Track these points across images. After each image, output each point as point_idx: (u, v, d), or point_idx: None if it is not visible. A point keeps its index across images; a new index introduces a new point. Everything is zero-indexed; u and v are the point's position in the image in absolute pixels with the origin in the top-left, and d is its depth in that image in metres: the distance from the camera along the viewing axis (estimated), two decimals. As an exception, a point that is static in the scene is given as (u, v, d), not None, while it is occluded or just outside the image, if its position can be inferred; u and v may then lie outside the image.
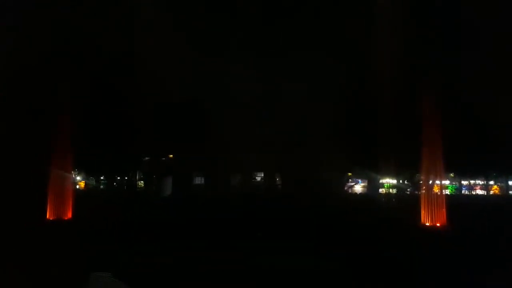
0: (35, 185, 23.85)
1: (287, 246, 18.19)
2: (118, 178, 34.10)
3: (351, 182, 38.82)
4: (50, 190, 22.97)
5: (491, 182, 42.60)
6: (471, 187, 42.95)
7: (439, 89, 32.53)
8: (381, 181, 38.42)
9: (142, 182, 33.81)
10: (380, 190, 38.46)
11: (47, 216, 22.69)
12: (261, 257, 16.18)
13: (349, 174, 37.15)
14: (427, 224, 23.05)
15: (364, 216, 26.01)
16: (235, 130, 28.68)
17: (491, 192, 42.12)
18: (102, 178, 33.62)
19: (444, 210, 24.45)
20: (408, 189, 36.99)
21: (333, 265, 14.45)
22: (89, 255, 14.93)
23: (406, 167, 33.07)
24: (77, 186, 31.94)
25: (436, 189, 30.69)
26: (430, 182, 35.39)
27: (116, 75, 31.24)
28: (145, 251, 17.40)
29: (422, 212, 24.25)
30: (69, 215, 23.32)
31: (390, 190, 38.74)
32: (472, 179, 41.99)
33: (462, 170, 36.83)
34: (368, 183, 37.46)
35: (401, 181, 37.90)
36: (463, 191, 42.16)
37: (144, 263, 14.80)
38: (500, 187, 41.48)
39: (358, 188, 39.84)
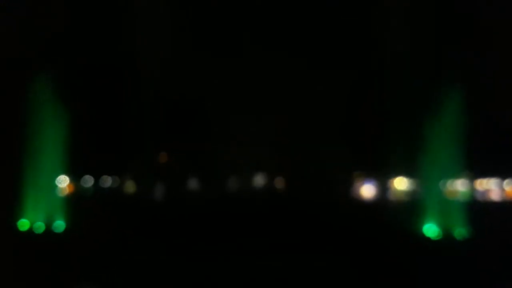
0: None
1: (286, 249, 18.22)
2: (110, 179, 33.94)
3: (359, 183, 38.41)
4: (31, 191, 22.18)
5: (506, 187, 41.55)
6: (484, 191, 41.87)
7: (452, 84, 32.10)
8: (390, 182, 37.97)
9: (134, 183, 33.65)
10: (390, 191, 38.01)
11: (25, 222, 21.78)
12: (259, 261, 15.63)
13: (357, 174, 36.90)
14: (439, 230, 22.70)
15: (371, 219, 25.60)
16: (236, 127, 28.84)
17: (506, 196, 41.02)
18: (92, 179, 33.37)
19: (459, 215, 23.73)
20: (419, 191, 36.30)
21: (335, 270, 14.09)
22: (74, 263, 14.63)
23: (418, 168, 32.56)
24: (65, 188, 31.69)
25: (450, 193, 29.66)
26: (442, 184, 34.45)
27: (109, 71, 31.16)
28: (136, 257, 17.08)
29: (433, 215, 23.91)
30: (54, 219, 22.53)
31: (401, 192, 38.26)
32: (485, 179, 40.92)
33: (475, 171, 35.89)
34: (377, 184, 37.05)
35: (412, 182, 37.25)
36: (476, 195, 41.11)
37: (134, 270, 14.22)
38: (516, 190, 40.31)
39: (367, 189, 39.34)
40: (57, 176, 24.69)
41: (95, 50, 29.04)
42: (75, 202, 26.83)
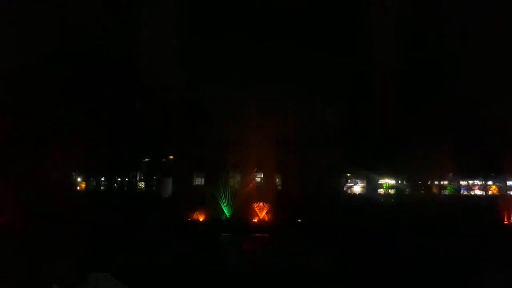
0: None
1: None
2: (119, 179, 34.14)
3: (350, 182, 38.59)
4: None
5: (490, 183, 42.55)
6: (469, 188, 42.83)
7: (439, 91, 33.23)
8: (380, 181, 38.27)
9: (142, 183, 33.86)
10: (379, 190, 38.29)
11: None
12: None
13: (348, 174, 37.05)
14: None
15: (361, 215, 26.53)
16: (236, 130, 28.95)
17: (490, 192, 42.04)
18: (102, 179, 33.66)
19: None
20: (407, 190, 36.90)
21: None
22: (88, 254, 15.38)
23: (406, 168, 33.20)
24: (78, 187, 32.29)
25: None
26: (429, 182, 35.76)
27: (115, 77, 31.58)
28: (144, 250, 17.70)
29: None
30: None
31: (389, 191, 38.64)
32: (470, 179, 41.88)
33: (462, 170, 36.82)
34: (367, 183, 37.25)
35: (399, 182, 37.74)
36: (461, 192, 42.07)
37: (142, 262, 15.53)
38: (499, 187, 41.40)
39: (357, 188, 39.56)
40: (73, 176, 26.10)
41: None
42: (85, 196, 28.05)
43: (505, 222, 27.24)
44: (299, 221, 25.53)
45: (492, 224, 25.64)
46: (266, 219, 26.41)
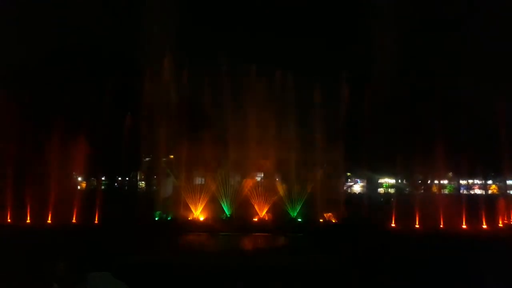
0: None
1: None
2: (119, 178, 34.34)
3: (350, 181, 38.86)
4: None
5: (489, 182, 42.83)
6: (469, 187, 43.12)
7: (438, 91, 33.43)
8: (379, 181, 38.57)
9: (143, 182, 34.03)
10: (379, 189, 38.56)
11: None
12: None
13: (348, 174, 37.23)
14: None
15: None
16: (236, 130, 29.12)
17: (490, 192, 42.33)
18: (103, 179, 33.79)
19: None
20: (407, 189, 37.11)
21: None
22: (89, 254, 15.57)
23: (405, 167, 33.38)
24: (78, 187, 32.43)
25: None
26: (429, 182, 35.90)
27: (116, 76, 31.79)
28: (144, 250, 17.81)
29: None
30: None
31: (389, 190, 38.94)
32: (470, 179, 42.11)
33: (461, 170, 36.96)
34: (367, 183, 37.50)
35: (399, 181, 37.95)
36: (461, 191, 42.31)
37: (142, 262, 15.36)
38: (499, 187, 41.64)
39: (357, 187, 39.90)
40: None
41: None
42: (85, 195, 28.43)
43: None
44: (299, 220, 25.68)
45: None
46: (266, 218, 26.49)
